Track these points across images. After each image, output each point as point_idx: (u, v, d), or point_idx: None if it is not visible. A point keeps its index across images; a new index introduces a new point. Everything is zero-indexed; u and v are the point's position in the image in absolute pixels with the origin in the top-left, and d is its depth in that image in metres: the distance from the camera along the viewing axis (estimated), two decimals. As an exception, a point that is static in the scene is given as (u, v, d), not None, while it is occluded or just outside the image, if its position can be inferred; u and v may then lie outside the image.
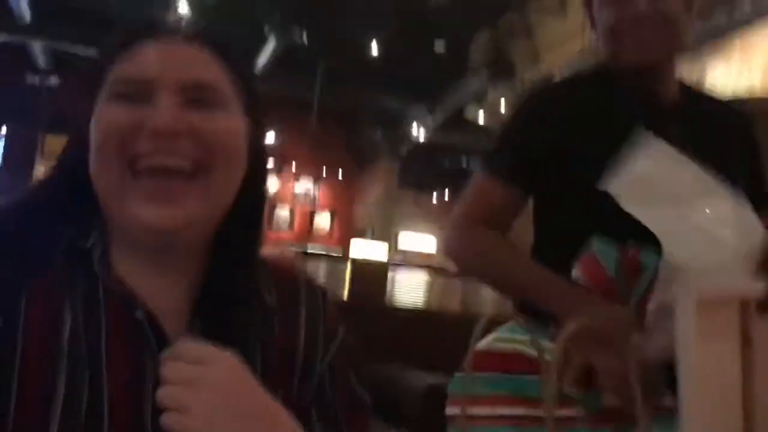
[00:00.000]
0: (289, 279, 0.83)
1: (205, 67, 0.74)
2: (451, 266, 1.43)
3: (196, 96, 0.72)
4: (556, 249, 1.28)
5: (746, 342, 0.99)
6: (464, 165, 12.38)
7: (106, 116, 0.71)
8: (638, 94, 1.31)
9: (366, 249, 10.36)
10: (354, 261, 5.81)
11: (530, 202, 1.38)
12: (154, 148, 0.69)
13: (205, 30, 0.77)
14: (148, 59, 0.72)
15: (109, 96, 0.72)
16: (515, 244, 1.31)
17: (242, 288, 0.76)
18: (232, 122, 0.74)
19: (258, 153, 0.78)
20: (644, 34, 1.26)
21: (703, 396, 0.90)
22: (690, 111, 1.34)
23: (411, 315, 4.72)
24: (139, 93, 0.71)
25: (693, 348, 0.89)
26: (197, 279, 0.75)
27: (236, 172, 0.75)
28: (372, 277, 4.70)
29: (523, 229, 1.39)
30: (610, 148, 1.21)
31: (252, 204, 0.79)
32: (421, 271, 6.55)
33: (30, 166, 12.08)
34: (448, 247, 1.34)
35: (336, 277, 5.27)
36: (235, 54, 0.78)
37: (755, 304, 1.07)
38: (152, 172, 0.70)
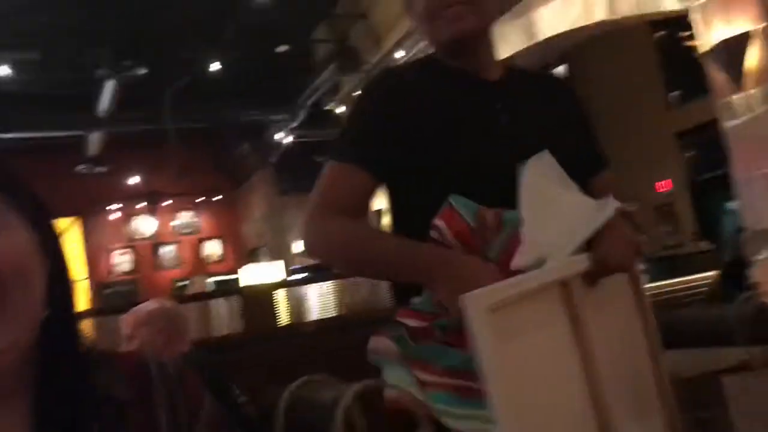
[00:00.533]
0: (138, 366, 0.82)
1: None
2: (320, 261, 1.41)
3: None
4: (411, 230, 1.28)
5: (576, 322, 0.98)
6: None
7: None
8: (461, 74, 1.35)
9: (259, 270, 10.06)
10: (242, 290, 5.66)
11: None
12: None
13: None
14: None
15: None
16: (374, 226, 1.28)
17: (81, 392, 0.73)
18: (15, 239, 0.72)
19: (56, 258, 0.77)
20: (452, 10, 1.30)
21: (519, 393, 0.88)
22: (514, 85, 1.39)
23: (321, 326, 4.65)
24: None
25: (490, 355, 0.86)
26: (34, 397, 0.72)
27: (34, 287, 0.73)
28: (265, 299, 4.60)
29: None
30: (443, 130, 1.23)
31: (64, 307, 0.77)
32: (323, 278, 6.28)
33: None
34: (308, 244, 1.32)
35: (231, 309, 5.13)
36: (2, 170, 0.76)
37: (582, 278, 1.08)
38: None
